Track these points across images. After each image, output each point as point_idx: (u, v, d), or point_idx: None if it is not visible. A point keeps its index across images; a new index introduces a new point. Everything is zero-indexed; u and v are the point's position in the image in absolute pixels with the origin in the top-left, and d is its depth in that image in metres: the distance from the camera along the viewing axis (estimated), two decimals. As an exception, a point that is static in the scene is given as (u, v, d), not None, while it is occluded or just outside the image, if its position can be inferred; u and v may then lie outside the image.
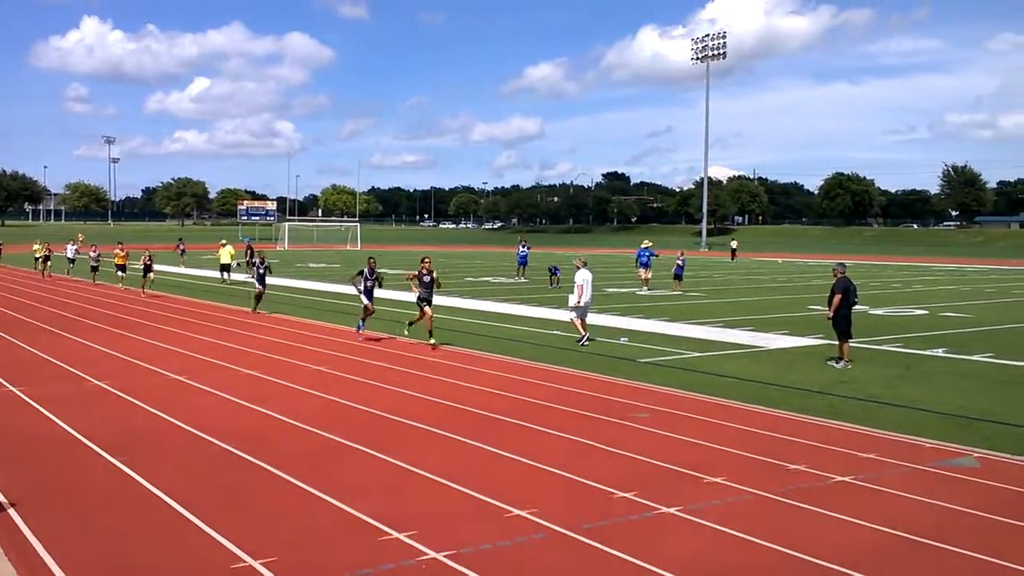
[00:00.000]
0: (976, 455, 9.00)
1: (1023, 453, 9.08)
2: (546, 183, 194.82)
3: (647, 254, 31.39)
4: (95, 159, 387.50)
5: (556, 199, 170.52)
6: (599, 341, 17.78)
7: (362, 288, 18.25)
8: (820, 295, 27.06)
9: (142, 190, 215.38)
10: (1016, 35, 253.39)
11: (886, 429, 10.17)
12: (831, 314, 14.91)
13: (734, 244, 64.58)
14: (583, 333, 17.33)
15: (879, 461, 8.81)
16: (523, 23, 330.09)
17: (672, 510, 7.20)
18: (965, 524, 7.00)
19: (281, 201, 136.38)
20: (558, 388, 12.73)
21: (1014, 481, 8.14)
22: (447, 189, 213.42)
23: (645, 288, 30.91)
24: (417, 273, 17.21)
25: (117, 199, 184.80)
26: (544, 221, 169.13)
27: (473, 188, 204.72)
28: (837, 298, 14.78)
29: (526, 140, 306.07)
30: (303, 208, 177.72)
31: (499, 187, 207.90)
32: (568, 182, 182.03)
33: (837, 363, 14.62)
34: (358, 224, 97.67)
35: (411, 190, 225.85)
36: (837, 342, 14.92)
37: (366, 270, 18.37)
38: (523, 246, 39.91)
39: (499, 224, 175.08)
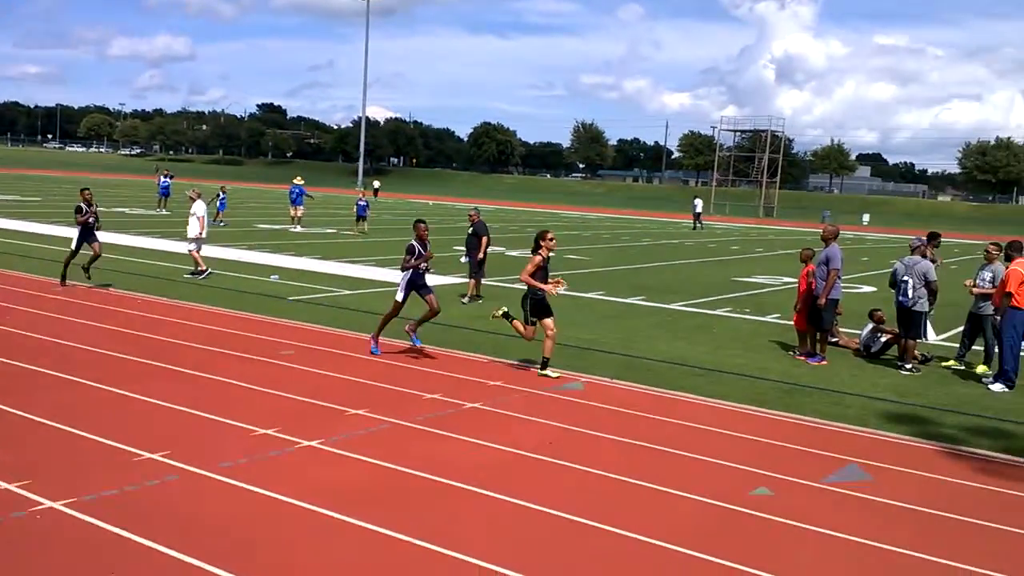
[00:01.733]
0: (583, 380, 10.31)
1: (621, 378, 10.58)
2: (194, 109, 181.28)
3: (297, 191, 31.15)
4: None
5: (205, 127, 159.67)
6: (248, 278, 17.30)
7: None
8: (463, 237, 28.75)
9: None
10: (640, 7, 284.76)
11: (511, 358, 11.24)
12: (481, 255, 16.33)
13: (376, 184, 67.04)
14: (204, 267, 17.19)
15: (504, 388, 9.75)
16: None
17: (313, 443, 7.37)
18: (570, 439, 8.05)
19: None
20: (197, 326, 12.21)
21: (611, 401, 9.48)
22: (77, 108, 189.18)
23: (298, 226, 30.66)
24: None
25: None
26: (191, 150, 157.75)
27: (109, 109, 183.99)
28: (484, 240, 16.38)
29: (173, 60, 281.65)
30: None
31: (140, 110, 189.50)
32: (219, 110, 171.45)
33: (466, 300, 15.94)
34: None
35: (32, 106, 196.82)
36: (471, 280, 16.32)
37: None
38: (165, 176, 37.12)
39: (139, 150, 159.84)
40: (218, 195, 31.31)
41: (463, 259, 17.42)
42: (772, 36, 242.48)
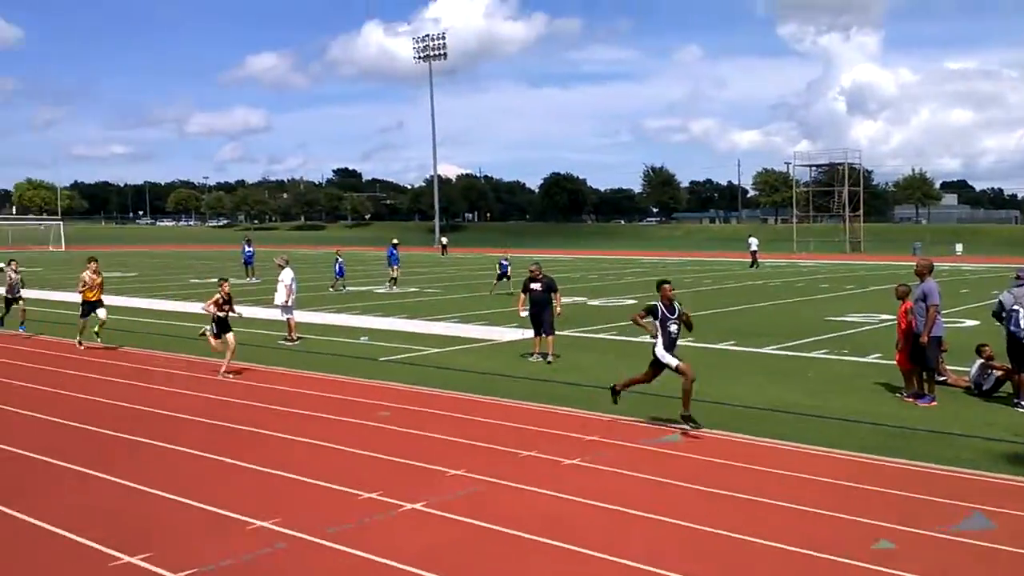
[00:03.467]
0: (680, 430, 10.09)
1: (718, 427, 10.32)
2: (274, 178, 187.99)
3: (390, 252, 31.66)
4: None
5: (285, 195, 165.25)
6: (339, 341, 17.65)
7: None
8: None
9: None
10: (698, 48, 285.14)
11: (606, 412, 11.10)
12: (559, 310, 15.24)
13: (444, 240, 68.62)
14: (294, 335, 17.62)
15: (601, 443, 9.62)
16: (240, 7, 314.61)
17: (416, 505, 7.39)
18: (672, 494, 7.86)
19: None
20: (296, 392, 12.48)
21: (710, 452, 9.25)
22: (163, 184, 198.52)
23: (393, 287, 30.85)
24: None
25: None
26: (274, 218, 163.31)
27: (193, 183, 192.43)
28: (557, 295, 15.13)
29: (251, 133, 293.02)
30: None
31: (223, 182, 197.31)
32: (298, 178, 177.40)
33: (535, 358, 14.89)
34: (61, 223, 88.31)
35: (122, 184, 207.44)
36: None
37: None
38: (248, 245, 38.48)
39: (224, 221, 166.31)
40: (336, 260, 32.14)
41: (523, 313, 15.69)
42: (839, 68, 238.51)
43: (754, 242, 48.66)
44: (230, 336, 14.12)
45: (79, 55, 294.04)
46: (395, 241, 33.06)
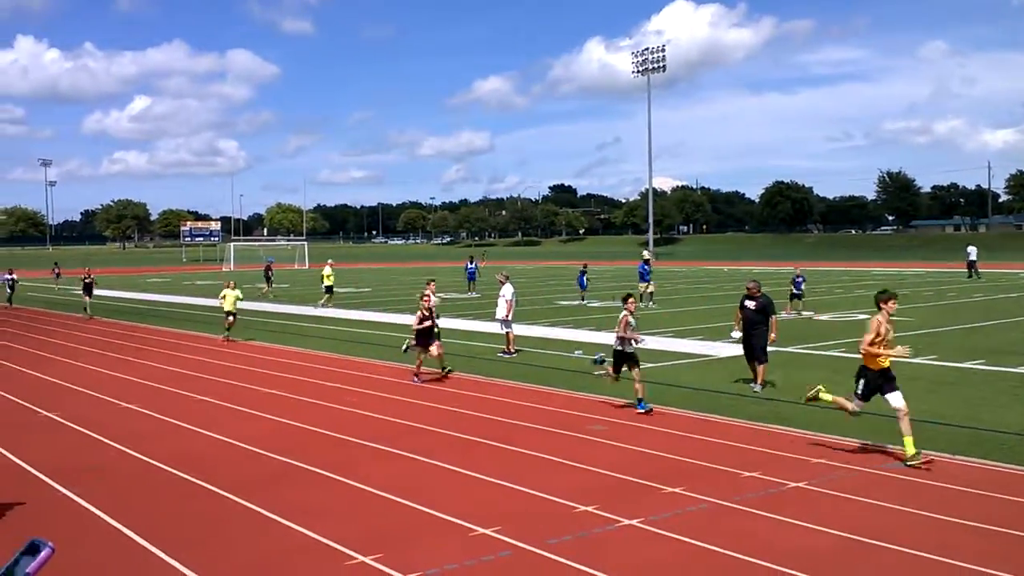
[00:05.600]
0: (922, 456, 9.30)
1: (960, 452, 9.42)
2: (494, 196, 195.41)
3: (643, 267, 30.50)
4: (31, 182, 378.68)
5: (504, 212, 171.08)
6: (553, 354, 17.96)
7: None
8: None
9: (81, 213, 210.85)
10: (945, 43, 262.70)
11: (831, 433, 10.46)
12: (773, 336, 13.67)
13: (646, 255, 67.25)
14: (513, 348, 18.06)
15: (828, 465, 9.08)
16: (471, 37, 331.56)
17: (633, 522, 7.34)
18: (910, 522, 7.26)
19: (225, 221, 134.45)
20: (516, 404, 12.82)
21: (957, 481, 8.45)
22: (395, 205, 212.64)
23: (651, 303, 29.33)
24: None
25: (55, 223, 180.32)
26: (493, 235, 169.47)
27: (421, 203, 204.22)
28: (773, 320, 13.63)
29: (475, 154, 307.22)
30: (248, 227, 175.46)
31: (447, 201, 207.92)
32: (516, 195, 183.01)
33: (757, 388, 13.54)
34: (305, 243, 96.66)
35: (358, 206, 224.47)
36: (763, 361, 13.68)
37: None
38: (471, 261, 40.12)
39: (448, 239, 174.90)
40: (581, 274, 32.68)
41: (734, 334, 14.62)
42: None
43: (973, 251, 45.02)
44: (433, 347, 14.93)
45: (326, 88, 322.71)
46: (647, 256, 32.36)
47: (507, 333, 18.38)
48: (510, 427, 11.24)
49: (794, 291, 25.57)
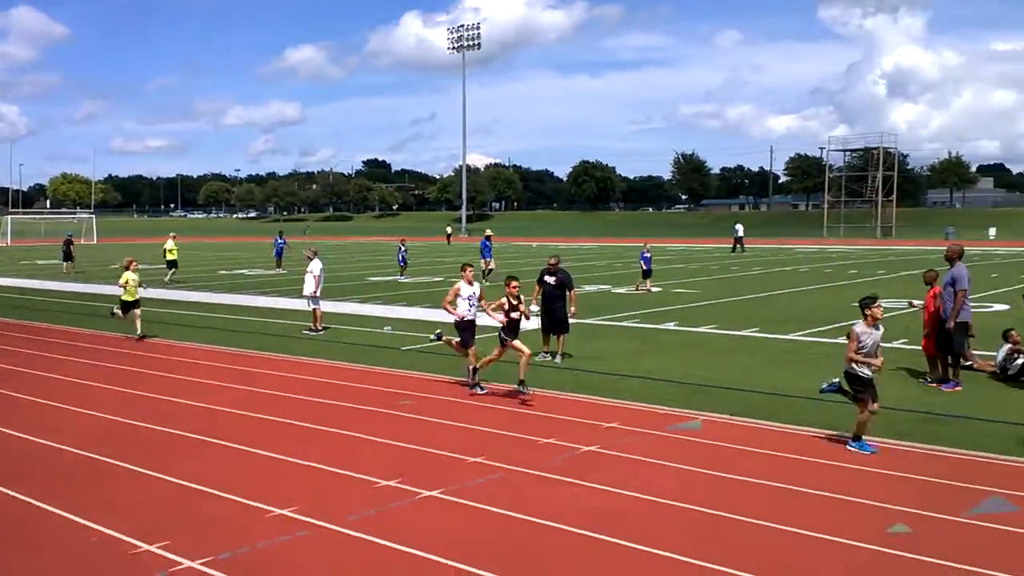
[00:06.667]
0: (702, 418, 10.08)
1: (738, 414, 10.29)
2: (305, 170, 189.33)
3: (484, 244, 30.85)
4: None
5: (315, 187, 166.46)
6: (363, 331, 17.80)
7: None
8: (576, 277, 28.66)
9: None
10: (739, 33, 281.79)
11: (627, 399, 11.10)
12: (573, 310, 14.21)
13: (448, 229, 71.30)
14: (320, 325, 17.76)
15: (621, 429, 9.63)
16: (283, 2, 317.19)
17: (435, 492, 7.45)
18: (691, 481, 7.86)
19: (2, 192, 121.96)
20: (316, 380, 12.61)
21: (731, 439, 9.23)
22: (196, 177, 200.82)
23: (485, 281, 29.03)
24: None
25: None
26: (303, 210, 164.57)
27: (225, 175, 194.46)
28: (572, 294, 14.14)
29: (285, 125, 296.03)
30: (28, 199, 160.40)
31: (254, 174, 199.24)
32: (328, 169, 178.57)
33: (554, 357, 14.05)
34: (93, 216, 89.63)
35: (154, 178, 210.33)
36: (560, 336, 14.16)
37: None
38: (280, 237, 38.84)
39: (254, 214, 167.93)
40: (399, 249, 32.72)
41: (534, 307, 14.15)
42: (881, 51, 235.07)
43: (740, 228, 51.22)
44: (519, 343, 11.38)
45: (122, 52, 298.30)
46: (489, 233, 32.80)
47: (314, 310, 18.01)
48: (313, 405, 11.05)
49: (644, 267, 25.96)
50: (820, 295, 24.87)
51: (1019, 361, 11.98)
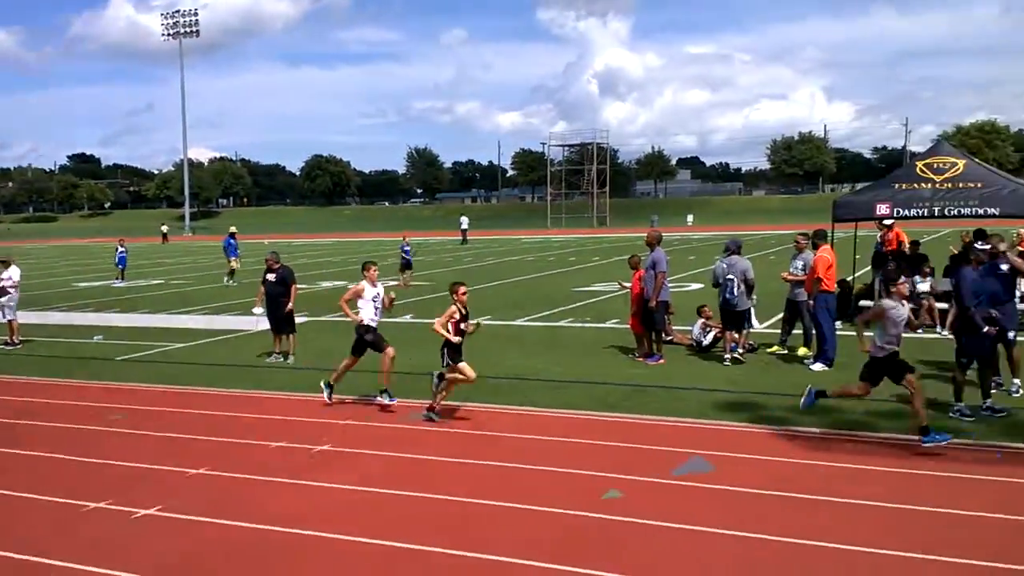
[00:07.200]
0: (439, 408, 10.26)
1: (471, 399, 10.59)
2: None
3: (228, 242, 29.09)
4: None
5: (11, 184, 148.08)
6: (69, 342, 16.17)
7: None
8: (311, 273, 28.03)
9: None
10: (466, 32, 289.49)
11: (362, 394, 11.02)
12: (290, 306, 13.68)
13: (164, 228, 68.14)
14: (16, 338, 16.03)
15: (351, 425, 9.56)
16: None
17: (151, 511, 6.95)
18: (418, 468, 7.99)
19: None
20: (20, 400, 11.28)
21: (462, 424, 9.49)
22: None
23: (230, 280, 27.74)
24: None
25: None
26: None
27: None
28: (294, 289, 13.82)
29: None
30: None
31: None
32: (26, 165, 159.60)
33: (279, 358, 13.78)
34: None
35: None
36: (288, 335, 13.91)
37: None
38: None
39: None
40: (117, 250, 30.01)
41: (257, 310, 15.06)
42: (593, 52, 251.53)
43: (465, 220, 54.36)
44: (465, 365, 9.61)
45: None
46: (233, 230, 30.53)
47: (10, 322, 16.05)
48: (6, 428, 9.86)
49: (404, 259, 25.77)
50: (543, 282, 26.31)
51: (712, 333, 13.46)
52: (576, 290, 23.13)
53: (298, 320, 14.49)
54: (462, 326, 9.55)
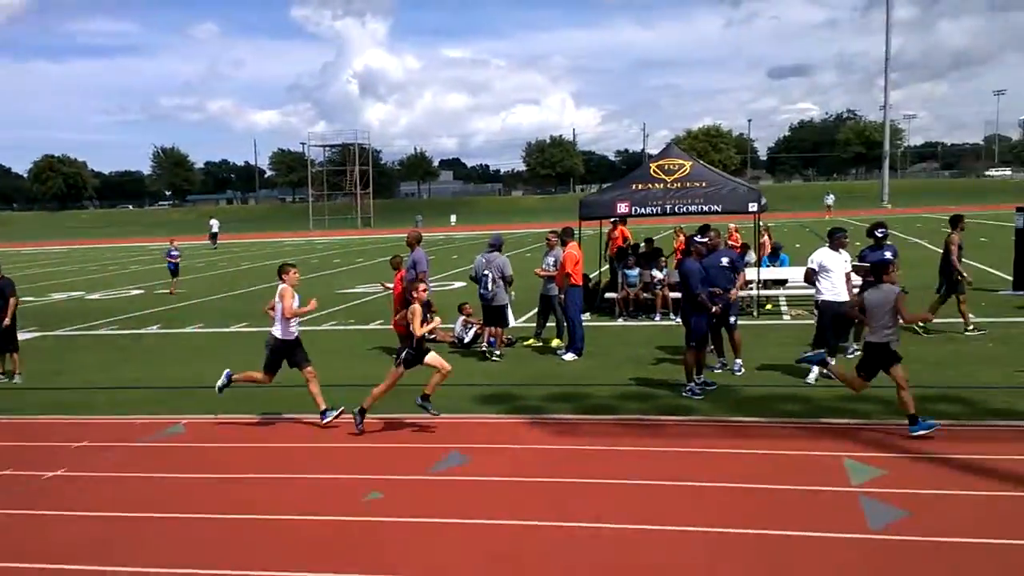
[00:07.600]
0: (185, 421, 9.72)
1: (228, 412, 10.14)
2: None
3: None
4: None
5: None
6: None
7: None
8: (42, 284, 25.45)
9: None
10: (216, 26, 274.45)
11: (101, 414, 10.21)
12: (7, 322, 12.21)
13: None
14: None
15: (93, 447, 8.82)
16: None
17: None
18: (171, 489, 7.54)
19: None
20: None
21: (215, 439, 9.07)
22: None
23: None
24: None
25: None
26: None
27: None
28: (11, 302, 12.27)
29: None
30: None
31: None
32: None
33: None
34: None
35: None
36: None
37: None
38: None
39: None
40: None
41: None
42: (351, 52, 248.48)
43: (215, 223, 53.15)
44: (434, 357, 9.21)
45: None
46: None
47: None
48: None
49: (171, 264, 24.56)
50: (307, 285, 25.67)
51: (472, 329, 13.81)
52: (341, 292, 22.82)
53: (24, 337, 13.11)
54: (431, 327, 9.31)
